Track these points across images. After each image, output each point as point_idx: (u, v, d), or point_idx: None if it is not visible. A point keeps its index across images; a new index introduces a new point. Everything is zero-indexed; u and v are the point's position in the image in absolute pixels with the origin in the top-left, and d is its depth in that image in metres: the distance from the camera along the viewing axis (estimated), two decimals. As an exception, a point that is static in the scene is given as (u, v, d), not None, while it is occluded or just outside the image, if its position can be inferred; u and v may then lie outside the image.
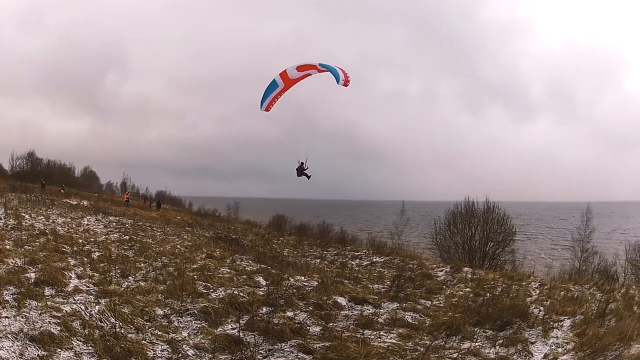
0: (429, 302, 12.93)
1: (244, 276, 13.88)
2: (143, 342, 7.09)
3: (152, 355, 6.79)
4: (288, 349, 7.64)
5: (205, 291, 10.90)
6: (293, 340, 7.94)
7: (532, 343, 9.50)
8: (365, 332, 9.13)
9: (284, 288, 12.26)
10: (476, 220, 29.03)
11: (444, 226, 30.08)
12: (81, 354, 6.45)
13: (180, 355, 7.00)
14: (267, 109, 14.45)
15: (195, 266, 14.74)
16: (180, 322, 8.44)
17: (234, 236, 29.23)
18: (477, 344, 9.18)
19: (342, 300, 11.65)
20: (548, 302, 13.41)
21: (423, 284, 15.78)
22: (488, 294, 14.00)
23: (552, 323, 10.91)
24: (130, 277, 11.80)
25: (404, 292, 13.80)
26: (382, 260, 22.34)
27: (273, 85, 14.30)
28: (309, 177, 15.72)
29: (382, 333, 9.32)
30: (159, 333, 7.62)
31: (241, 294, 10.85)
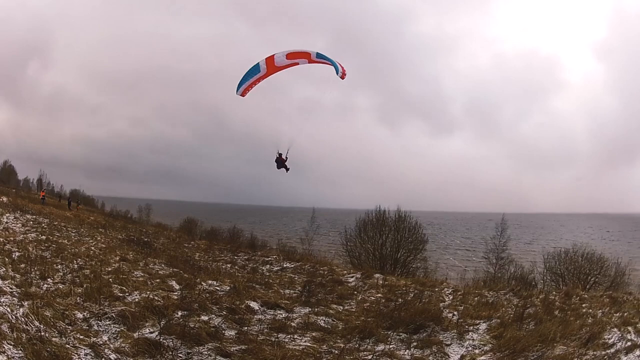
0: (341, 307, 13.33)
1: (158, 280, 13.86)
2: (67, 346, 7.06)
3: None
4: (206, 352, 7.75)
5: (121, 295, 10.80)
6: (210, 344, 8.07)
7: (448, 345, 10.08)
8: (279, 335, 9.35)
9: (197, 292, 12.35)
10: (387, 229, 29.44)
11: (354, 233, 30.36)
12: (12, 358, 6.41)
13: (103, 359, 7.01)
14: (242, 94, 14.11)
15: (110, 269, 14.51)
16: (100, 325, 8.40)
17: (146, 239, 28.77)
18: (391, 346, 9.60)
19: (254, 305, 11.88)
20: (462, 307, 14.17)
21: (334, 289, 16.28)
22: (400, 299, 14.56)
23: (467, 327, 11.55)
24: (49, 279, 11.52)
25: (315, 297, 14.15)
26: (292, 266, 22.74)
27: (254, 69, 13.92)
28: (287, 169, 15.48)
29: (296, 337, 9.59)
30: (81, 337, 7.57)
31: (156, 297, 10.76)
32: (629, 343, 9.87)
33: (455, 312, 13.12)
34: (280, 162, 15.32)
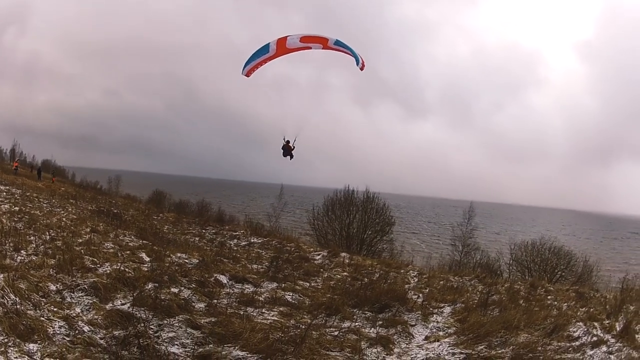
0: (307, 284, 13.66)
1: (128, 252, 13.93)
2: (42, 318, 7.17)
3: (52, 332, 6.87)
4: (177, 324, 7.89)
5: (92, 266, 10.88)
6: (181, 316, 8.20)
7: (412, 325, 10.35)
8: (247, 309, 9.62)
9: (167, 265, 12.51)
10: (355, 209, 29.79)
11: (322, 212, 30.66)
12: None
13: (77, 331, 7.08)
14: (247, 74, 13.70)
15: (81, 240, 14.54)
16: (73, 297, 8.50)
17: (115, 210, 28.52)
18: (357, 323, 9.88)
19: (223, 279, 12.07)
20: (427, 290, 14.47)
21: (301, 266, 16.42)
22: (366, 279, 14.91)
23: (432, 309, 11.85)
24: (22, 251, 11.52)
25: (282, 273, 14.35)
26: (260, 241, 22.77)
27: (263, 50, 13.48)
28: (292, 157, 15.17)
29: (264, 311, 9.82)
30: (55, 309, 7.67)
31: (127, 269, 10.87)
32: (595, 338, 9.98)
33: (420, 295, 13.37)
34: (287, 150, 15.04)
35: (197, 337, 7.65)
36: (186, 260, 13.93)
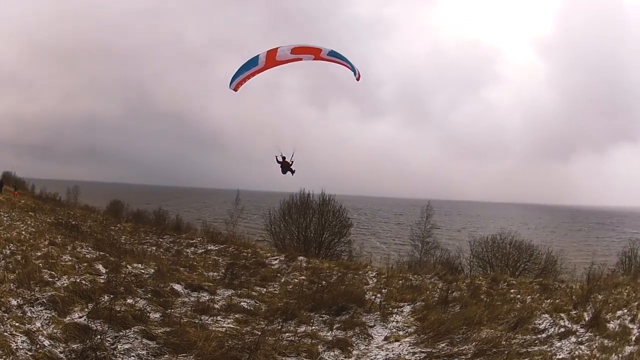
0: (264, 289, 13.78)
1: (85, 264, 13.93)
2: (5, 334, 7.22)
3: (15, 347, 6.94)
4: (133, 335, 7.92)
5: (51, 279, 10.96)
6: (136, 327, 8.24)
7: (371, 326, 10.43)
8: (203, 317, 9.73)
9: (123, 275, 12.54)
10: (311, 212, 29.98)
11: (278, 216, 30.71)
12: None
13: (38, 346, 7.16)
14: (235, 89, 13.40)
15: (39, 253, 14.58)
16: (33, 312, 8.62)
17: (73, 222, 28.42)
18: (314, 327, 10.04)
19: (178, 287, 12.20)
20: (386, 290, 14.56)
21: (257, 271, 16.58)
22: (323, 282, 15.01)
23: (391, 309, 11.97)
24: None
25: (238, 279, 14.46)
26: (216, 248, 22.82)
27: (252, 62, 13.20)
28: (293, 172, 14.91)
29: (219, 318, 10.00)
30: (16, 324, 7.72)
31: (84, 281, 10.86)
32: (562, 329, 9.95)
33: (379, 295, 13.45)
34: (285, 167, 14.76)
35: (152, 347, 7.66)
36: (142, 271, 14.00)
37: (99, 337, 7.63)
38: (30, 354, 6.97)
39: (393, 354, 8.83)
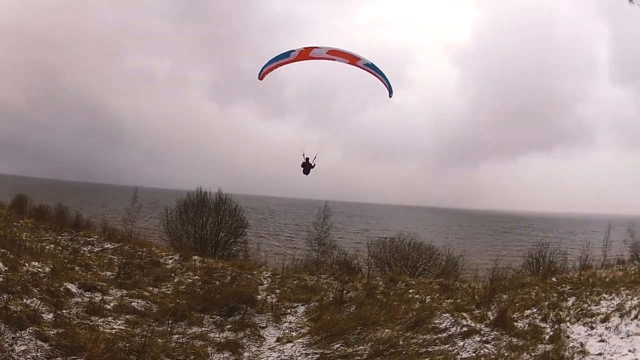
0: (157, 289, 13.72)
1: None
2: None
3: None
4: (28, 337, 7.75)
5: None
6: (31, 328, 8.04)
7: (263, 327, 10.60)
8: (94, 318, 9.60)
9: (21, 274, 11.95)
10: (208, 210, 29.78)
11: (175, 214, 30.39)
12: None
13: None
14: (261, 78, 13.49)
15: None
16: None
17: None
18: (204, 329, 10.11)
19: (72, 287, 11.87)
20: (279, 290, 14.88)
21: (151, 271, 16.33)
22: (217, 282, 15.14)
23: (284, 309, 12.24)
24: None
25: (132, 279, 14.32)
26: (113, 246, 22.10)
27: (285, 55, 13.38)
28: (313, 166, 15.16)
29: (110, 319, 9.85)
30: None
31: None
32: (465, 328, 10.21)
33: (273, 295, 13.81)
34: (307, 167, 15.10)
35: (46, 349, 7.52)
36: (39, 269, 13.28)
37: (-2, 338, 7.55)
38: None
39: (285, 356, 8.96)
